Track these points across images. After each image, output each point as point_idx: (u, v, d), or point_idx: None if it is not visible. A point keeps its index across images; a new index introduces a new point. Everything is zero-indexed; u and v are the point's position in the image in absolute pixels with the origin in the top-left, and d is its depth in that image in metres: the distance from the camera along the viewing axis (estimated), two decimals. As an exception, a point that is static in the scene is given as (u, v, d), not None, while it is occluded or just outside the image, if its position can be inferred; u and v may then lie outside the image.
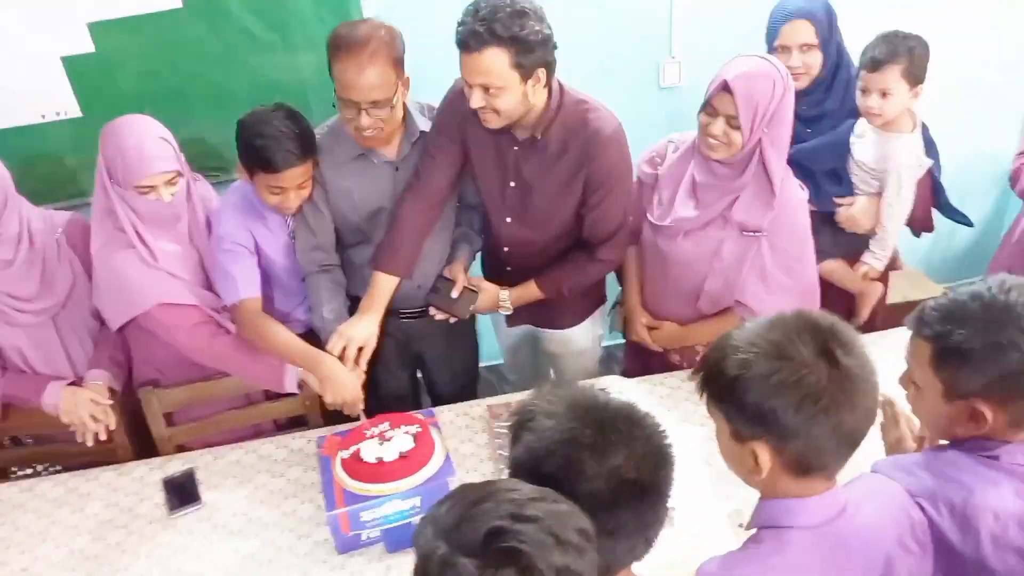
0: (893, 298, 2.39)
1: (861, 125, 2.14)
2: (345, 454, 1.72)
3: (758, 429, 1.02)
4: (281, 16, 2.32)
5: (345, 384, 1.88)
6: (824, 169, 2.16)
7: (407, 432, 1.75)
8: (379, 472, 1.66)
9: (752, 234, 1.88)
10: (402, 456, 1.69)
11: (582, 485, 0.95)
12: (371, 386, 2.01)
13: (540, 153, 1.89)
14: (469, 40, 1.67)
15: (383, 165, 1.96)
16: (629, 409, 1.02)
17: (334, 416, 2.10)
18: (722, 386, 1.04)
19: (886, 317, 2.29)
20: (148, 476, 1.94)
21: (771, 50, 2.11)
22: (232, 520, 1.81)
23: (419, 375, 2.43)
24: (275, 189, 1.85)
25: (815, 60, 2.09)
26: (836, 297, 2.22)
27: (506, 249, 2.09)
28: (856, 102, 2.10)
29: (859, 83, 2.07)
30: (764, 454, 1.03)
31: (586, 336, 2.28)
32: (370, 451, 1.70)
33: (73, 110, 2.32)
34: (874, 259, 2.22)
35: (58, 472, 2.04)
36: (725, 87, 1.73)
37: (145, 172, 1.80)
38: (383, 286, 1.96)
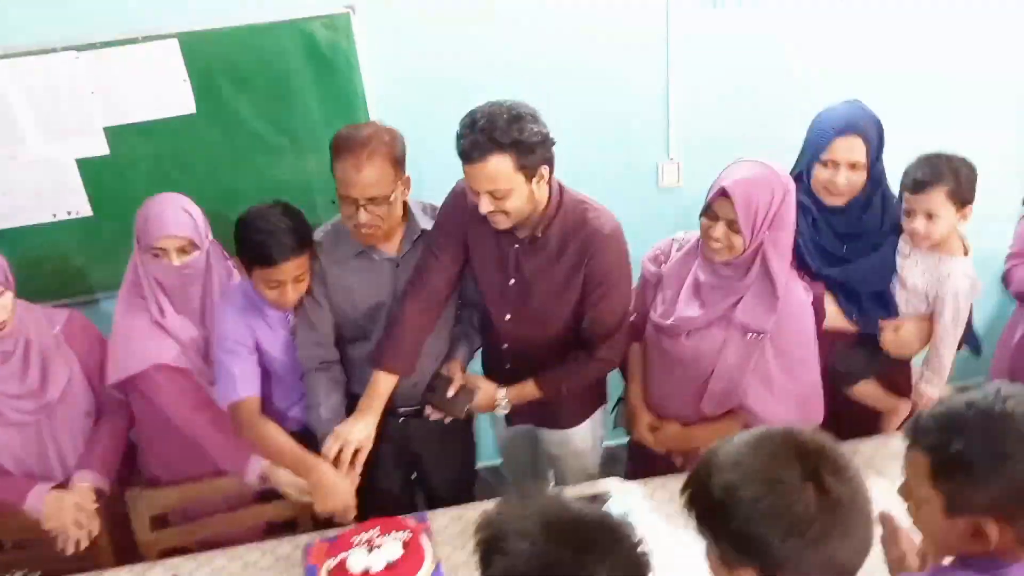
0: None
1: (906, 244, 2.05)
2: (332, 563, 1.65)
3: (745, 557, 0.96)
4: (290, 121, 2.40)
5: (336, 492, 1.84)
6: (869, 291, 2.05)
7: (396, 539, 1.68)
8: (365, 583, 1.59)
9: (755, 336, 1.85)
10: (389, 567, 1.62)
11: None
12: (364, 487, 1.95)
13: (540, 251, 1.90)
14: (471, 151, 1.72)
15: (384, 262, 1.98)
16: (604, 521, 0.99)
17: (326, 519, 2.04)
18: (707, 508, 0.99)
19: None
20: (129, 584, 1.87)
21: (813, 161, 2.00)
22: (211, 634, 1.72)
23: (414, 476, 2.35)
24: (272, 283, 1.86)
25: (860, 179, 1.97)
26: (862, 412, 2.14)
27: (506, 346, 2.07)
28: (897, 220, 2.02)
29: (903, 204, 1.99)
30: None
31: (586, 437, 2.23)
32: (357, 561, 1.64)
33: (84, 210, 2.37)
34: (931, 387, 2.09)
35: (36, 578, 1.97)
36: (724, 193, 1.75)
37: (157, 235, 1.88)
38: (382, 385, 1.94)
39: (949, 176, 1.92)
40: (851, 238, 2.05)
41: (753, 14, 2.50)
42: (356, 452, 1.86)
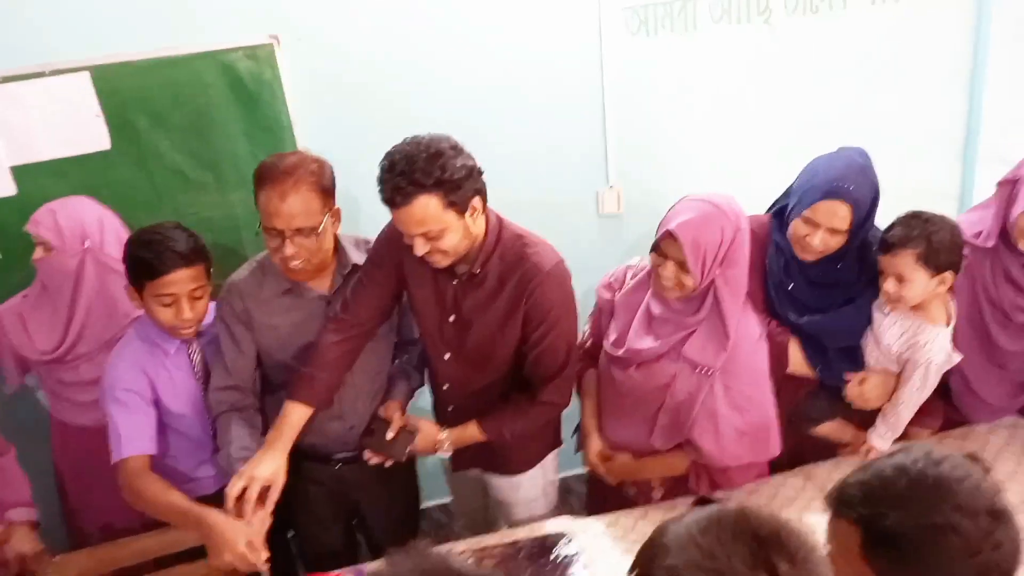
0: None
1: (880, 304, 1.94)
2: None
3: None
4: (213, 155, 2.29)
5: (230, 541, 1.62)
6: (838, 346, 1.96)
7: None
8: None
9: (704, 371, 1.80)
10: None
11: None
12: (302, 543, 1.83)
13: (479, 288, 1.82)
14: (394, 196, 1.64)
15: (314, 300, 1.88)
16: None
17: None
18: None
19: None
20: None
21: (793, 210, 1.87)
22: None
23: (355, 522, 2.23)
24: (165, 298, 1.75)
25: (838, 242, 1.84)
26: (823, 443, 2.08)
27: (447, 387, 1.98)
28: (872, 269, 1.90)
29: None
30: None
31: (536, 484, 2.12)
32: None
33: (-9, 253, 2.22)
34: (881, 440, 2.01)
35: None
36: (671, 234, 1.70)
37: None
38: (293, 417, 1.81)
39: (920, 240, 1.79)
40: (825, 287, 1.93)
41: (685, 38, 2.50)
42: (267, 489, 1.70)
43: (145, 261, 1.74)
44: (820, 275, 1.91)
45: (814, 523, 1.05)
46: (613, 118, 2.54)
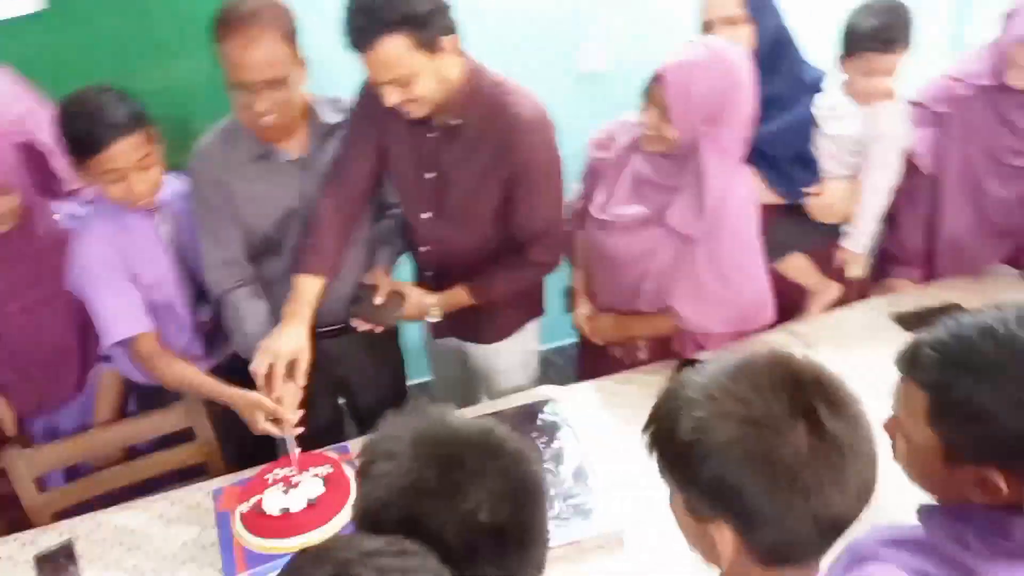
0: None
1: (832, 99, 1.94)
2: (245, 508, 1.48)
3: (718, 508, 0.81)
4: (156, 18, 2.06)
5: (251, 418, 1.64)
6: (788, 154, 1.93)
7: (316, 475, 1.53)
8: (285, 526, 1.44)
9: (688, 239, 1.73)
10: (311, 505, 1.46)
11: (429, 538, 0.78)
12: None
13: (457, 140, 1.71)
14: (358, 39, 1.52)
15: (288, 164, 1.77)
16: (484, 436, 0.86)
17: (239, 462, 1.86)
18: (674, 451, 0.83)
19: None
20: (18, 554, 1.65)
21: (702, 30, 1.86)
22: (118, 599, 1.55)
23: (342, 401, 2.19)
24: (111, 175, 1.61)
25: (742, 35, 1.81)
26: (787, 291, 2.04)
27: (426, 249, 1.89)
28: (812, 78, 1.91)
29: (850, 64, 1.88)
30: (726, 539, 0.82)
31: (515, 352, 2.08)
32: (273, 502, 1.47)
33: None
34: (853, 243, 2.00)
35: None
36: (660, 76, 1.59)
37: None
38: (307, 290, 1.74)
39: (905, 26, 1.84)
40: (761, 106, 1.91)
41: None
42: (293, 364, 1.66)
43: (79, 137, 1.58)
44: None
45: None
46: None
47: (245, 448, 2.04)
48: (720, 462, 0.78)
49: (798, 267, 2.06)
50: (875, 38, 1.83)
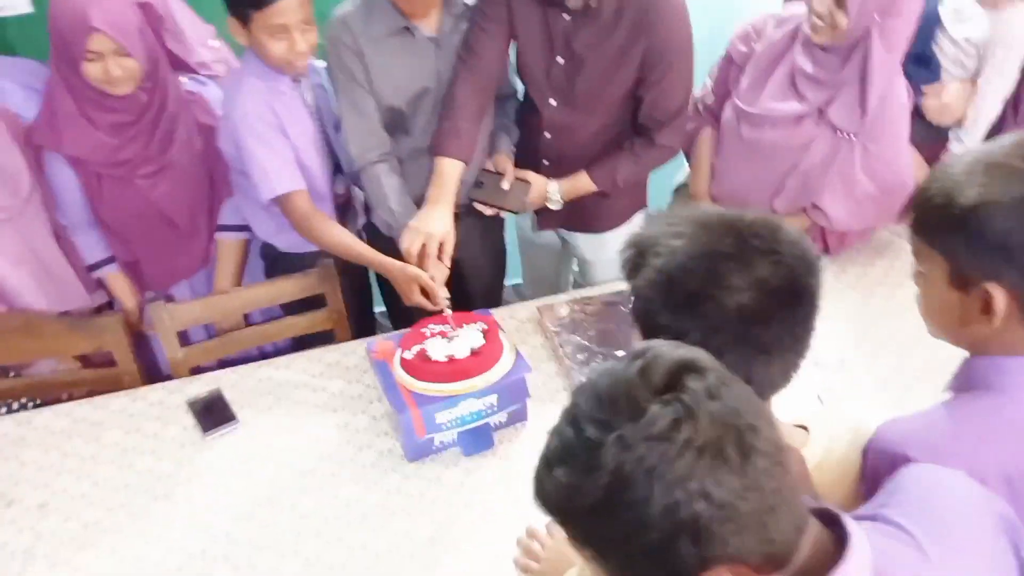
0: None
1: (958, 2, 1.98)
2: (408, 355, 1.56)
3: (998, 266, 0.87)
4: None
5: (406, 290, 1.72)
6: (910, 53, 1.91)
7: (474, 328, 1.60)
8: (452, 371, 1.51)
9: (846, 136, 1.77)
10: (474, 353, 1.54)
11: (730, 299, 0.85)
12: (396, 298, 1.84)
13: (592, 23, 1.72)
14: None
15: (425, 41, 1.77)
16: (766, 217, 0.92)
17: (363, 331, 1.96)
18: (952, 218, 0.88)
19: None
20: (168, 400, 1.73)
21: None
22: (278, 437, 1.63)
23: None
24: (277, 30, 1.62)
25: None
26: None
27: (547, 135, 1.92)
28: None
29: None
30: (1000, 296, 0.88)
31: (622, 242, 2.14)
32: (438, 349, 1.54)
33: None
34: (963, 147, 2.04)
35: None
36: None
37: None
38: (450, 173, 1.78)
39: None
40: None
41: None
42: (441, 246, 1.73)
43: None
44: None
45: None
46: None
47: (367, 319, 2.13)
48: (1007, 217, 0.85)
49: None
50: None
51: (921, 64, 2.01)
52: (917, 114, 2.02)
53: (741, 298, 0.85)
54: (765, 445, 0.65)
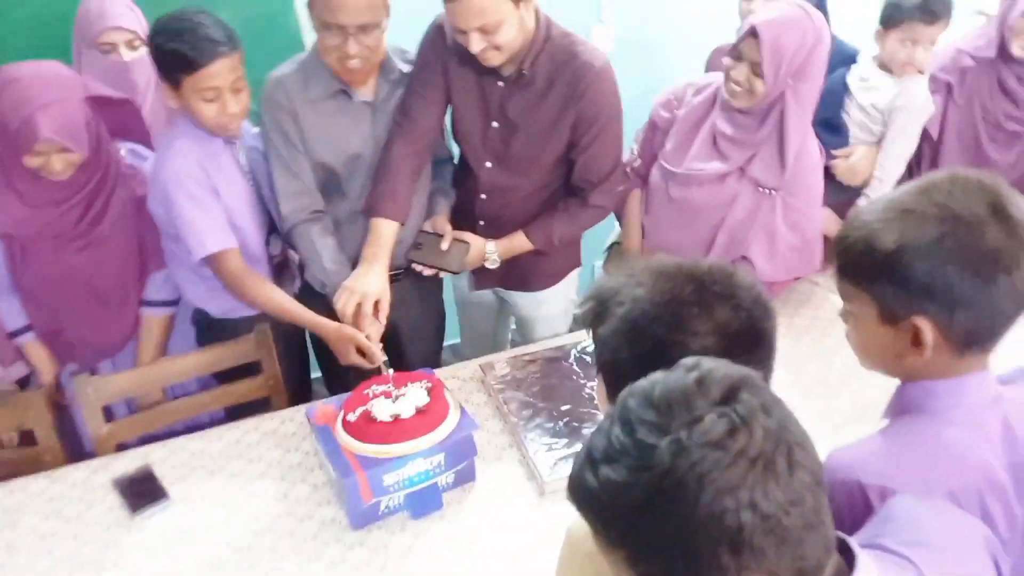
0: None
1: (864, 71, 2.14)
2: (352, 417, 1.52)
3: (923, 303, 0.92)
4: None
5: (342, 350, 1.71)
6: (819, 119, 2.01)
7: (419, 387, 1.58)
8: (398, 430, 1.48)
9: (767, 191, 1.87)
10: (420, 411, 1.51)
11: (695, 344, 0.88)
12: (332, 361, 1.82)
13: (526, 89, 1.79)
14: None
15: (361, 105, 1.80)
16: (721, 264, 0.97)
17: (300, 397, 1.91)
18: (875, 263, 0.93)
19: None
20: (91, 479, 1.62)
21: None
22: (213, 512, 1.54)
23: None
24: (208, 93, 1.62)
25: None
26: None
27: (483, 196, 1.96)
28: (848, 52, 2.09)
29: (891, 33, 2.04)
30: (928, 329, 0.92)
31: (558, 299, 2.18)
32: (383, 410, 1.51)
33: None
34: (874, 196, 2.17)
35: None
36: (753, 32, 1.71)
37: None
38: (386, 232, 1.80)
39: (950, 2, 2.02)
40: None
41: None
42: (376, 304, 1.74)
43: (180, 53, 1.58)
44: None
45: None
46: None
47: (304, 385, 2.07)
48: (928, 258, 0.90)
49: (825, 220, 2.25)
50: (923, 8, 2.01)
51: (831, 130, 2.16)
52: (828, 176, 2.15)
53: (705, 342, 0.88)
54: (810, 463, 0.67)
